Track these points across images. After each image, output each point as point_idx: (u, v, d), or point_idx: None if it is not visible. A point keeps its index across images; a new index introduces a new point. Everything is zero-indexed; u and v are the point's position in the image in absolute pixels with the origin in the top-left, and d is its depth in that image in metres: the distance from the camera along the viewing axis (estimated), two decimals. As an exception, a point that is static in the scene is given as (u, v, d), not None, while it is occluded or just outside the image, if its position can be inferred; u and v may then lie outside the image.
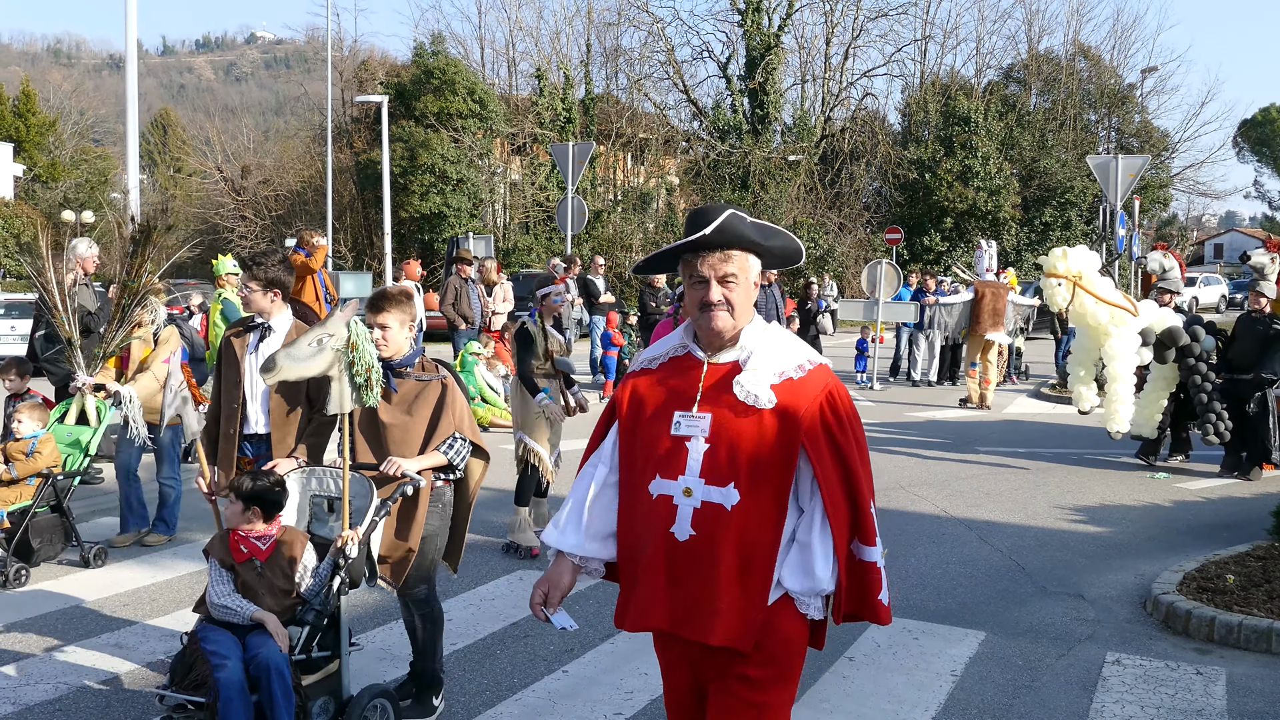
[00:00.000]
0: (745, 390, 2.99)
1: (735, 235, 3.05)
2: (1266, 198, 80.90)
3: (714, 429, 3.00)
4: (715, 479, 2.98)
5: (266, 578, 4.67)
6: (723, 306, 3.04)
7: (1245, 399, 11.25)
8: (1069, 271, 10.98)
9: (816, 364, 3.10)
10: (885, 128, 49.48)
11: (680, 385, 3.11)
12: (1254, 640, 6.24)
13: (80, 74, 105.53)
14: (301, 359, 4.50)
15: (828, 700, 5.37)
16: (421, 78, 41.05)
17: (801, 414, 2.98)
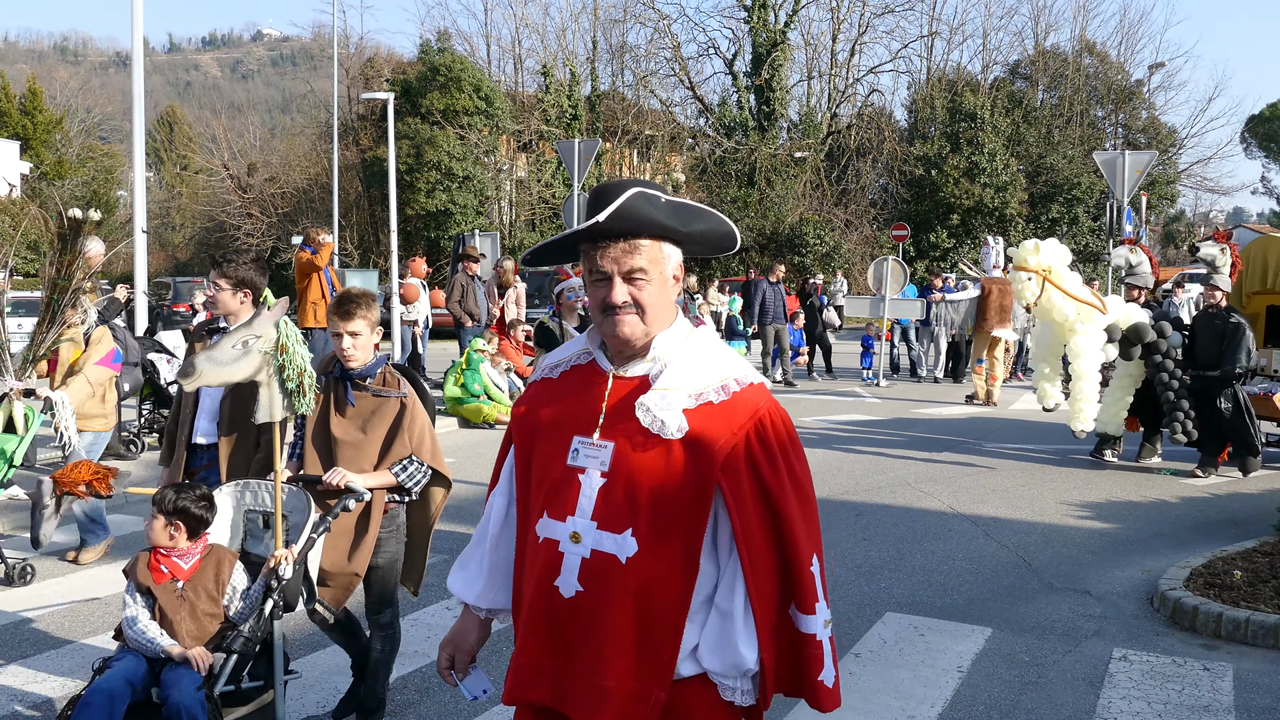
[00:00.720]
0: (650, 414, 2.43)
1: (641, 221, 2.45)
2: (1274, 193, 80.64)
3: (614, 461, 2.44)
4: (609, 523, 2.42)
5: (188, 600, 4.34)
6: (629, 309, 2.46)
7: (1214, 395, 11.07)
8: (1039, 266, 10.83)
9: (747, 384, 2.51)
10: (891, 124, 49.47)
11: (581, 403, 2.54)
12: (1261, 636, 6.22)
13: (87, 71, 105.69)
14: (224, 363, 4.14)
15: (834, 696, 5.36)
16: (427, 75, 41.10)
17: (719, 446, 2.40)
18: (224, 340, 4.20)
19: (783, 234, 42.25)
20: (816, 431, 14.28)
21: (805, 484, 2.56)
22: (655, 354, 2.51)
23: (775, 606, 2.48)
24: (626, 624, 2.41)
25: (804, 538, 2.50)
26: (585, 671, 2.44)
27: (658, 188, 2.49)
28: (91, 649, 5.96)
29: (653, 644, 2.42)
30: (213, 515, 4.51)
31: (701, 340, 2.58)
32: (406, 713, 5.08)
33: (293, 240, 34.45)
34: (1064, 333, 11.18)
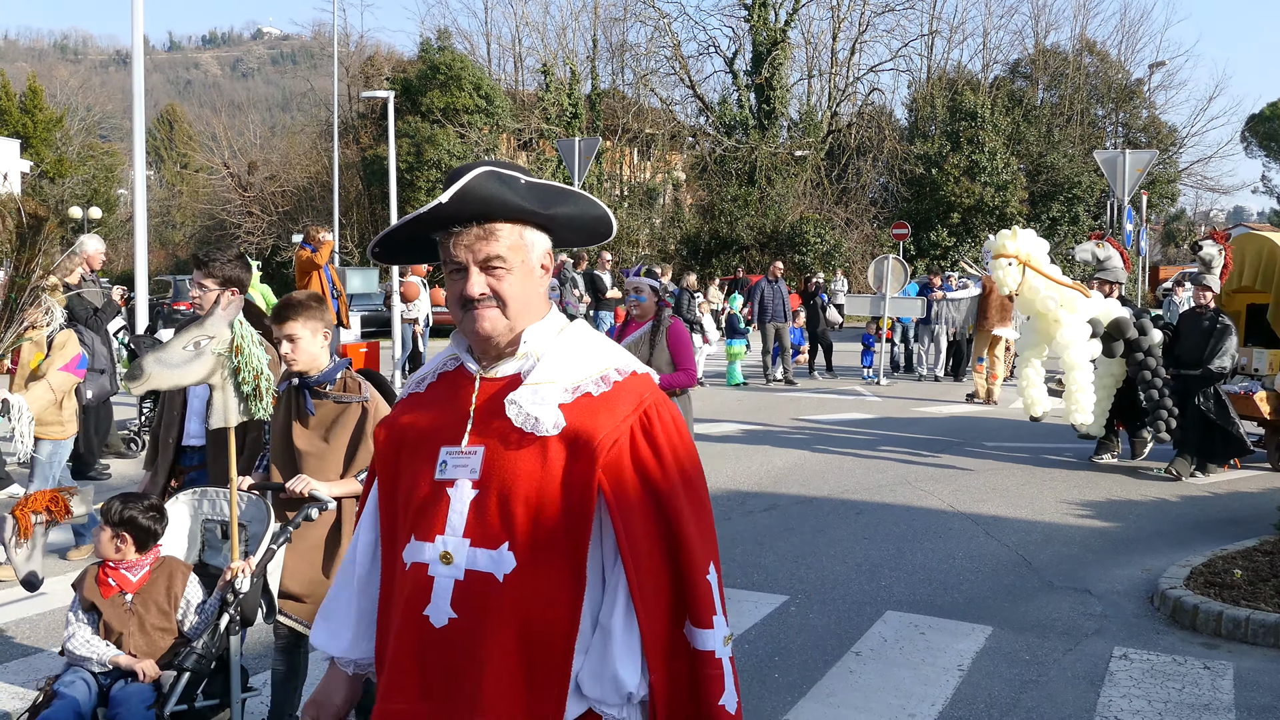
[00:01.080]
0: (521, 410, 2.17)
1: (492, 202, 2.19)
2: (1275, 192, 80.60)
3: (485, 467, 2.19)
4: (483, 539, 2.14)
5: (137, 614, 4.14)
6: (489, 303, 2.22)
7: (1195, 395, 10.96)
8: (1018, 251, 10.61)
9: (629, 373, 2.27)
10: (892, 123, 49.50)
11: (448, 412, 2.29)
12: (1262, 635, 6.23)
13: (87, 70, 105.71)
14: (175, 365, 3.89)
15: (834, 695, 5.37)
16: (428, 73, 41.13)
17: (600, 443, 2.14)
18: (174, 341, 3.94)
19: (783, 233, 42.25)
20: (817, 430, 14.29)
21: (698, 483, 2.30)
22: (525, 350, 2.27)
23: (667, 622, 2.18)
24: (509, 653, 2.12)
25: (698, 543, 2.21)
26: (464, 713, 2.12)
27: (518, 168, 2.25)
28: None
29: (539, 675, 2.13)
30: (163, 527, 4.30)
31: (577, 333, 2.34)
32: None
33: (293, 239, 34.46)
34: (1048, 325, 10.86)
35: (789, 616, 6.60)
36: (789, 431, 14.18)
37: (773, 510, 9.53)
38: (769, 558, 7.92)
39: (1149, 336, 11.15)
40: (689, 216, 46.59)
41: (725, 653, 2.22)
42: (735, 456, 12.05)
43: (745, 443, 13.09)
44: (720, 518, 9.11)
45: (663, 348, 7.15)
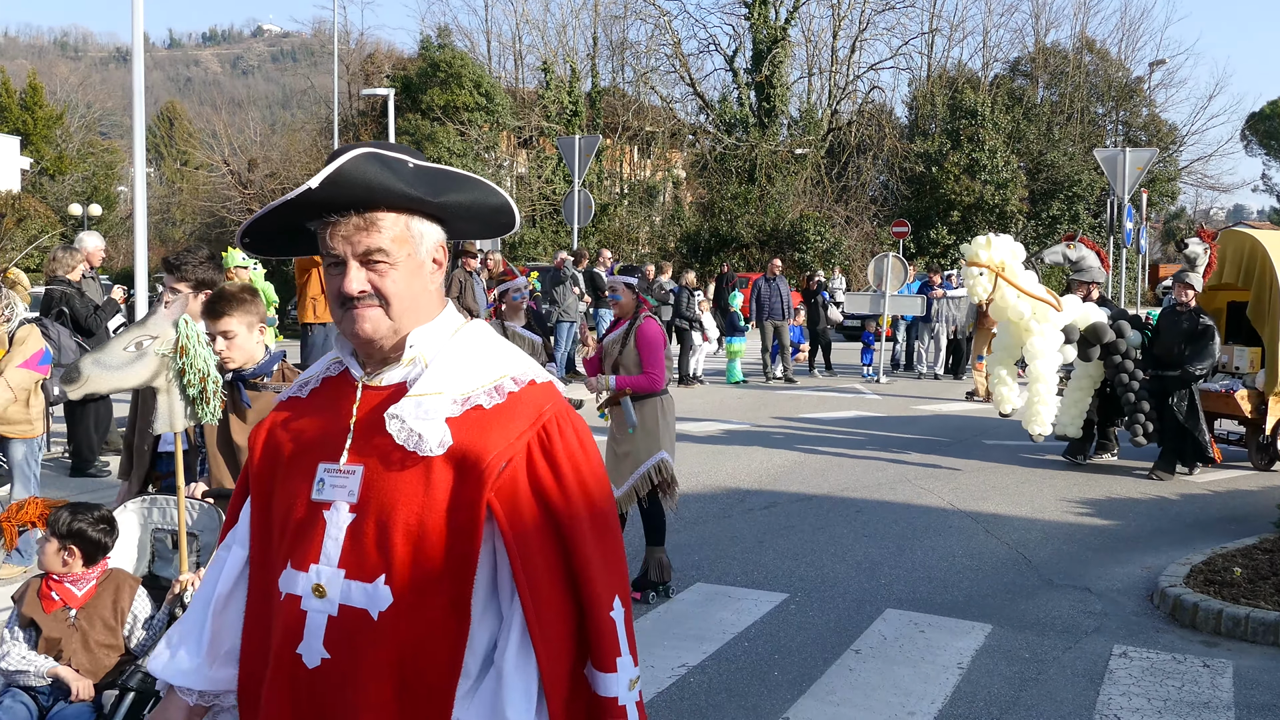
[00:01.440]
0: (403, 426, 1.94)
1: (372, 188, 1.94)
2: (1275, 191, 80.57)
3: (364, 489, 1.96)
4: (359, 570, 1.93)
5: (81, 630, 3.92)
6: (370, 301, 1.99)
7: (1171, 395, 10.95)
8: (991, 261, 10.46)
9: (527, 382, 2.02)
10: (892, 121, 49.46)
11: (329, 422, 2.06)
12: (1261, 633, 6.23)
13: (87, 67, 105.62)
14: (114, 367, 3.64)
15: (834, 692, 5.38)
16: (428, 71, 41.09)
17: (491, 464, 1.91)
18: (114, 341, 3.70)
19: (783, 231, 42.24)
20: (817, 428, 14.29)
21: (604, 508, 2.03)
22: (412, 355, 2.03)
23: (567, 664, 1.97)
24: (385, 698, 1.93)
25: (602, 575, 1.98)
26: None
27: (406, 150, 2.03)
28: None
29: None
30: (113, 540, 4.08)
31: (473, 336, 2.09)
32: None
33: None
34: (1020, 333, 10.80)
35: (789, 614, 6.60)
36: (789, 429, 14.18)
37: (772, 508, 9.53)
38: (768, 555, 7.92)
39: (1126, 338, 11.10)
40: (689, 214, 46.60)
41: (631, 698, 2.03)
42: (735, 454, 12.05)
43: (745, 441, 13.09)
44: (720, 515, 9.12)
45: (633, 347, 6.96)
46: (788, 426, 14.44)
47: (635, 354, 6.91)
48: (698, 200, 48.09)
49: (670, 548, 8.05)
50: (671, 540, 8.25)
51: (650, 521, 6.94)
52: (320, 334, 13.44)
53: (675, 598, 6.89)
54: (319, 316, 13.34)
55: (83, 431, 10.12)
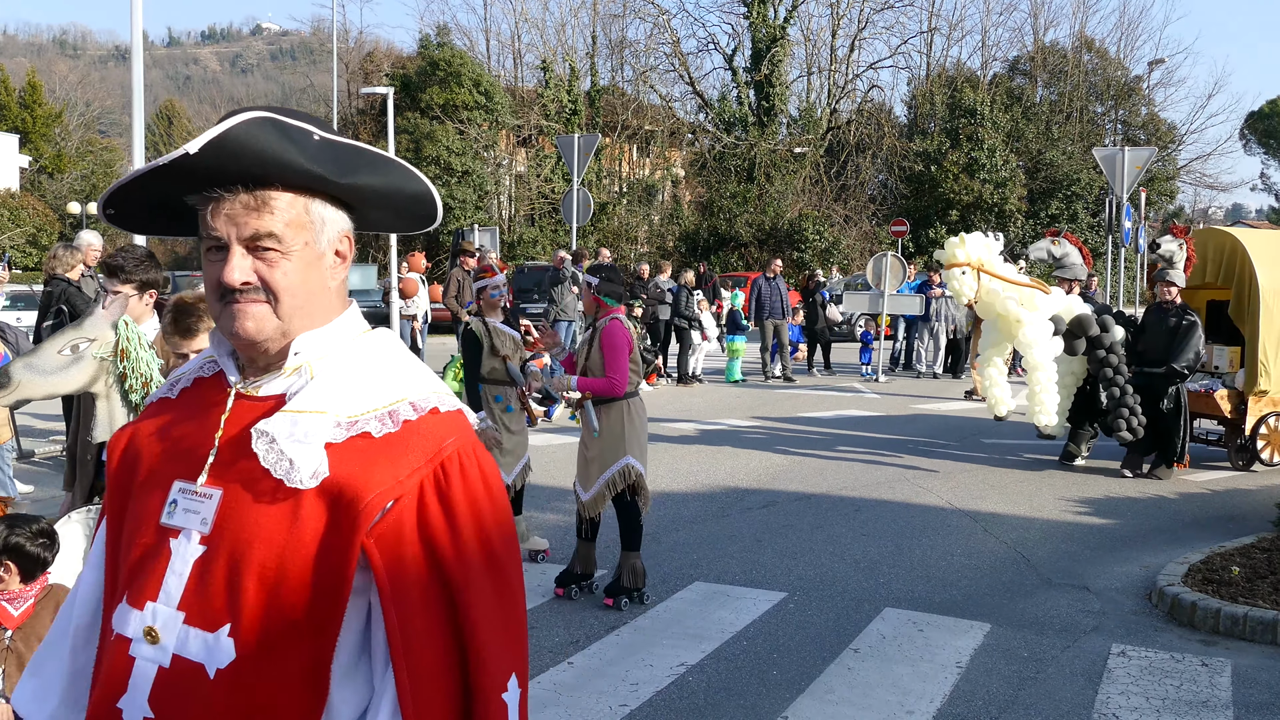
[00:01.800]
0: (273, 448, 1.62)
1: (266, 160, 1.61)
2: (1273, 190, 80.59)
3: (219, 519, 1.64)
4: (201, 616, 1.60)
5: (16, 651, 3.64)
6: (255, 295, 1.67)
7: (1157, 393, 10.85)
8: (969, 258, 10.36)
9: (428, 409, 1.70)
10: (891, 120, 49.47)
11: (194, 432, 1.74)
12: (1259, 632, 6.24)
13: (86, 65, 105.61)
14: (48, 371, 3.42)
15: (833, 691, 5.38)
16: (427, 70, 41.08)
17: (370, 505, 1.59)
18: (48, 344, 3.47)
19: (782, 229, 42.23)
20: (816, 427, 14.30)
21: (507, 566, 1.71)
22: (297, 363, 1.71)
23: None
24: None
25: (497, 647, 1.66)
26: None
27: (313, 120, 1.70)
28: None
29: None
30: (53, 554, 3.80)
31: (375, 347, 1.78)
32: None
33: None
34: (1010, 326, 10.63)
35: (787, 613, 6.61)
36: (787, 428, 14.18)
37: (771, 507, 9.53)
38: (767, 554, 7.92)
39: (1111, 333, 10.98)
40: (688, 213, 46.60)
41: None
42: (733, 453, 12.05)
43: (743, 439, 13.09)
44: (718, 514, 9.12)
45: (597, 349, 6.73)
46: (786, 426, 14.45)
47: (600, 356, 6.71)
48: (696, 199, 48.09)
49: (668, 546, 8.07)
50: (670, 539, 8.26)
51: (624, 525, 6.81)
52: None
53: (674, 596, 6.89)
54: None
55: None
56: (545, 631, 6.19)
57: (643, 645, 5.96)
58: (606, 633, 6.19)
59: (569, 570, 6.96)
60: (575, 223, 22.14)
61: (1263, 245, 11.74)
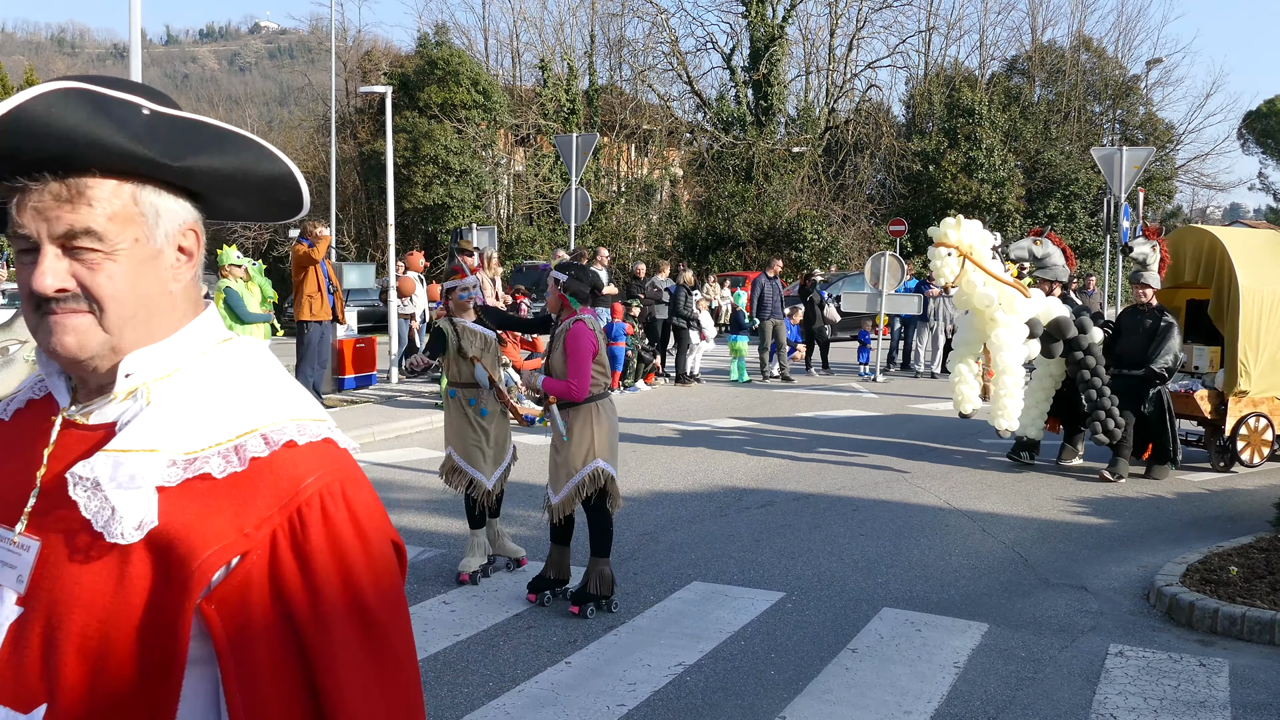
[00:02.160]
0: (92, 495, 1.34)
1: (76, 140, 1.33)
2: (1271, 189, 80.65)
3: (35, 579, 1.37)
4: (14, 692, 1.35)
5: None
6: (74, 305, 1.38)
7: (1137, 395, 10.77)
8: (960, 242, 10.17)
9: (283, 442, 1.41)
10: (889, 119, 49.46)
11: (18, 467, 1.46)
12: (1257, 632, 6.24)
13: (84, 63, 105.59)
14: None
15: (831, 691, 5.38)
16: (425, 68, 41.06)
17: (209, 560, 1.33)
18: None
19: (780, 229, 42.24)
20: (814, 427, 14.30)
21: (386, 628, 1.41)
22: (130, 386, 1.42)
23: None
24: None
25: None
26: None
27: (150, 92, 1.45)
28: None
29: None
30: None
31: (227, 363, 1.48)
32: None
33: (290, 233, 34.44)
34: (985, 323, 10.51)
35: (785, 613, 6.60)
36: (785, 428, 14.19)
37: (769, 507, 9.53)
38: (765, 554, 7.92)
39: (1089, 335, 10.90)
40: (686, 212, 46.59)
41: None
42: (732, 453, 12.05)
43: (742, 439, 13.10)
44: (716, 514, 9.12)
45: (560, 351, 6.49)
46: (785, 425, 14.45)
47: (562, 359, 6.48)
48: (695, 198, 48.08)
49: (666, 546, 8.06)
50: (668, 539, 8.26)
51: (594, 530, 6.59)
52: (316, 332, 13.44)
53: (672, 596, 6.88)
54: (314, 315, 13.35)
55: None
56: (543, 631, 6.19)
57: (641, 645, 5.96)
58: (604, 633, 6.18)
59: (542, 575, 6.80)
60: (573, 222, 22.13)
61: (1242, 244, 11.65)
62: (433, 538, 8.25)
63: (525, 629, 6.22)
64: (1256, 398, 11.31)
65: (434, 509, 9.22)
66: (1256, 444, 11.41)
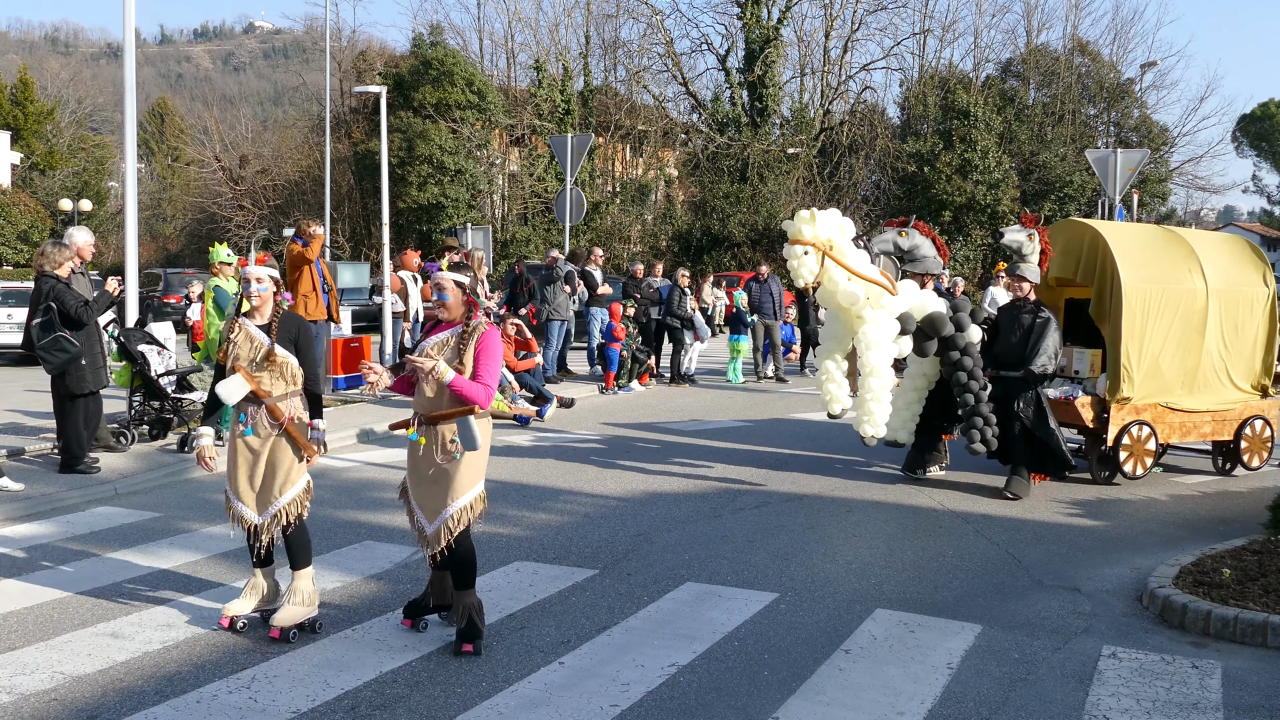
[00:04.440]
0: None
1: None
2: (1265, 192, 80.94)
3: None
4: None
5: None
6: None
7: (1016, 398, 9.94)
8: (816, 238, 9.29)
9: None
10: (884, 121, 49.51)
11: None
12: (1250, 634, 6.24)
13: (78, 62, 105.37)
14: None
15: (824, 693, 5.37)
16: (420, 68, 41.08)
17: None
18: None
19: (775, 230, 42.28)
20: (808, 427, 14.30)
21: None
22: None
23: None
24: None
25: None
26: None
27: None
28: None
29: None
30: None
31: None
32: (396, 707, 5.07)
33: (285, 232, 34.40)
34: (852, 320, 9.67)
35: (779, 614, 6.60)
36: (780, 429, 14.19)
37: (763, 507, 9.53)
38: (759, 555, 7.92)
39: (966, 333, 10.06)
40: (681, 213, 46.63)
41: None
42: (726, 453, 12.05)
43: (736, 440, 13.09)
44: (710, 515, 9.12)
45: (471, 353, 5.84)
46: (779, 426, 14.45)
47: (472, 362, 5.83)
48: (690, 199, 48.12)
49: (660, 547, 8.06)
50: (661, 539, 8.26)
51: (458, 561, 5.88)
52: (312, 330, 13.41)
53: (665, 597, 6.87)
54: (309, 314, 13.33)
55: (72, 428, 10.08)
56: (536, 631, 6.18)
57: (634, 645, 5.95)
58: (598, 633, 6.17)
59: (419, 601, 6.16)
60: (568, 222, 22.15)
61: (1125, 239, 10.91)
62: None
63: (518, 629, 6.21)
64: (1140, 404, 10.53)
65: (427, 509, 9.19)
66: (1140, 454, 10.61)
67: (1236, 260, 11.60)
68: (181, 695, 5.12)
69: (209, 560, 7.53)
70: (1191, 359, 10.90)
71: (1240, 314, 11.26)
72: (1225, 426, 11.27)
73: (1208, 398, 11.06)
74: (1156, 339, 10.57)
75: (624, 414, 15.30)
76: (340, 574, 7.20)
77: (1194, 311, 10.84)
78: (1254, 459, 11.40)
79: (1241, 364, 11.33)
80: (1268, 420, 11.48)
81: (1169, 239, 11.46)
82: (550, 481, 10.42)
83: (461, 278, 6.04)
